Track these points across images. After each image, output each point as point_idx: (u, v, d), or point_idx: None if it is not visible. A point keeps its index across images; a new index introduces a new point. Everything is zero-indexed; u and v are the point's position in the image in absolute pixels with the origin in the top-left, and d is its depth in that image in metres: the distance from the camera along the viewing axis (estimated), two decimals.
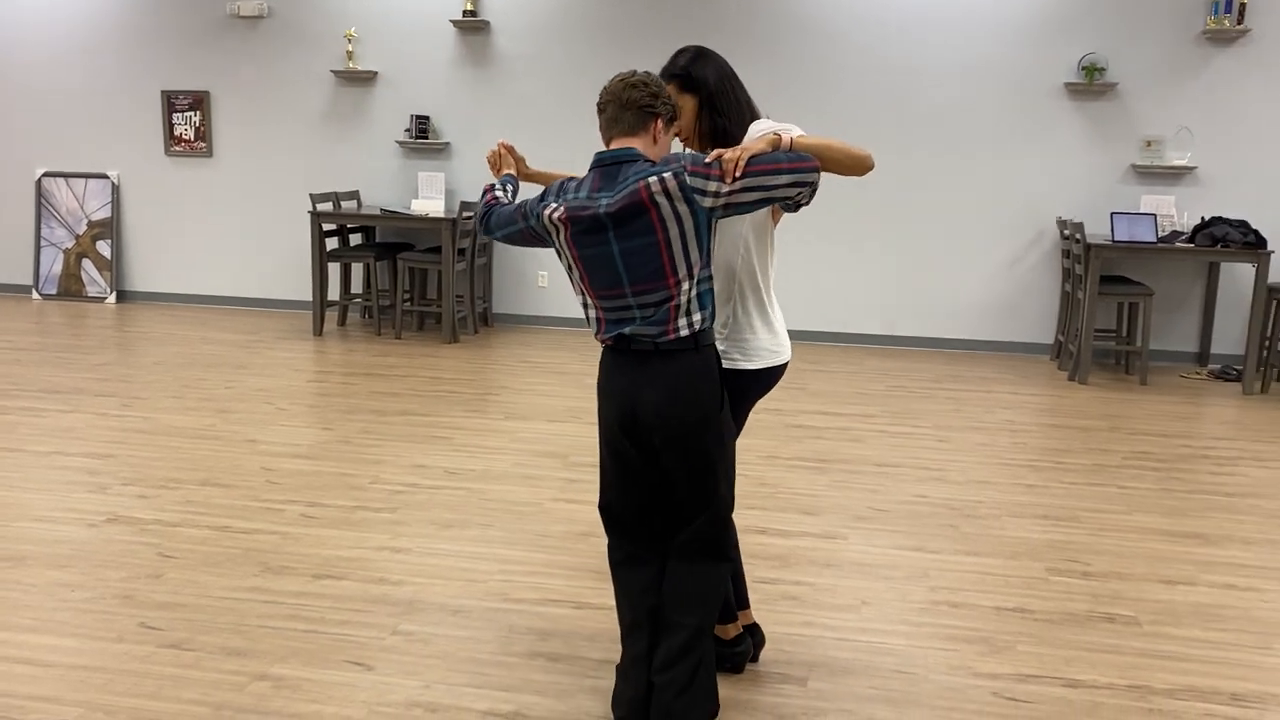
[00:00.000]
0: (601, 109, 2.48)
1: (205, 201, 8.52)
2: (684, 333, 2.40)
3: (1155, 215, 6.58)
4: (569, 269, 2.50)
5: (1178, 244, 6.48)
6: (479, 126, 7.97)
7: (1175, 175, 7.11)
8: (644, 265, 2.37)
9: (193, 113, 8.37)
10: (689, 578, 2.53)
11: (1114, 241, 6.45)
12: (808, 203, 2.49)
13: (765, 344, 2.65)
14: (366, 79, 8.04)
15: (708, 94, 2.59)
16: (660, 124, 2.48)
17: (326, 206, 8.02)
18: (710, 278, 2.43)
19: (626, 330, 2.43)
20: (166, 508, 4.03)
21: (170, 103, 8.39)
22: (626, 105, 2.44)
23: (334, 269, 8.33)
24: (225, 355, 6.77)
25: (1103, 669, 2.95)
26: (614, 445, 2.54)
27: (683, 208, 2.34)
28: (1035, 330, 7.43)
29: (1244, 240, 6.35)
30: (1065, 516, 4.17)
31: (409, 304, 7.76)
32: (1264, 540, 3.97)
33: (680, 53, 2.64)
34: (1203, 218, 6.89)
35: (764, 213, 2.63)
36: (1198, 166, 7.06)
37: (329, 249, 7.65)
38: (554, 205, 2.46)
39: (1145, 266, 7.25)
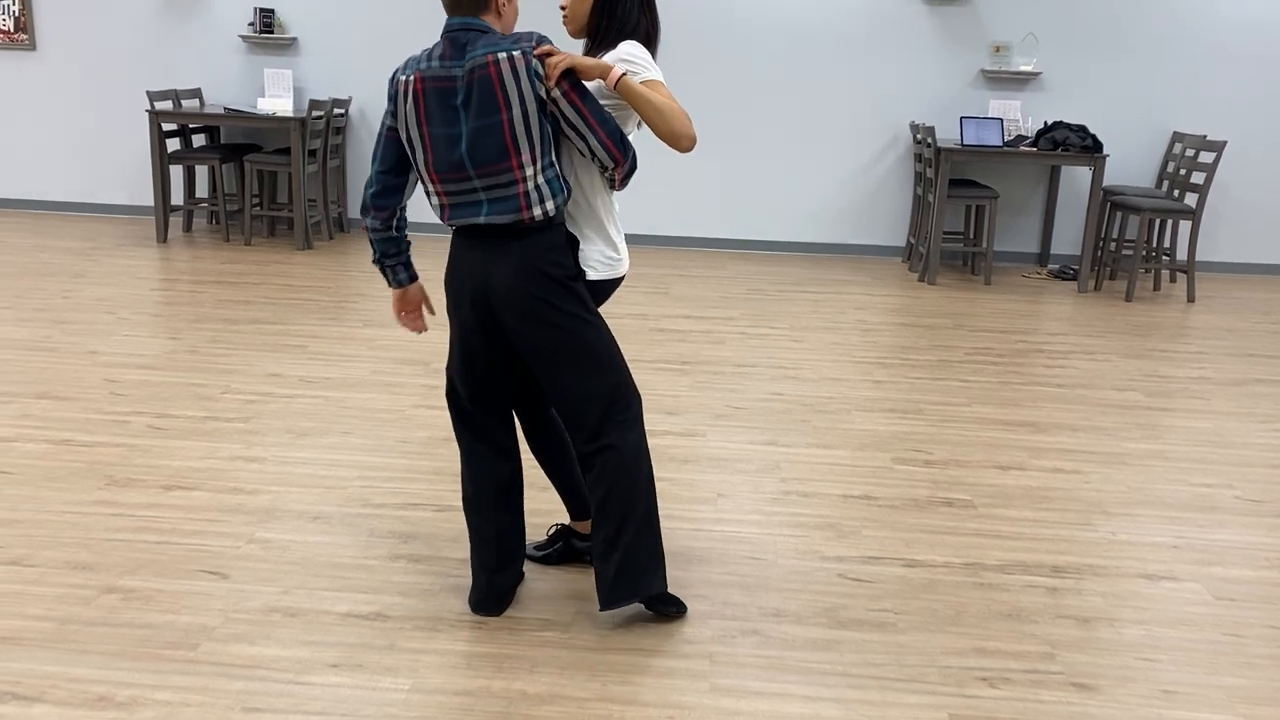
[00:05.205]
0: None
1: (30, 99, 7.93)
2: (538, 217, 2.40)
3: (1002, 120, 6.80)
4: (411, 149, 2.45)
5: (1021, 148, 6.73)
6: (328, 20, 7.60)
7: (1021, 80, 7.35)
8: (489, 147, 2.36)
9: (10, 0, 7.72)
10: (593, 485, 2.56)
11: (962, 145, 6.65)
12: (618, 188, 2.55)
13: (601, 254, 2.58)
14: None
15: None
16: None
17: (166, 105, 7.56)
18: (554, 165, 2.42)
19: (480, 219, 2.41)
20: (0, 423, 3.83)
21: None
22: None
23: (177, 172, 7.92)
24: (61, 264, 6.41)
25: (940, 549, 3.14)
26: (464, 328, 2.54)
27: (526, 88, 2.34)
28: (888, 233, 7.65)
29: (1082, 144, 6.63)
30: (910, 409, 4.37)
31: (258, 208, 7.46)
32: (1089, 427, 4.25)
33: None
34: (1045, 122, 7.16)
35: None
36: (1042, 72, 7.31)
37: (170, 151, 7.25)
38: (408, 74, 2.41)
39: (992, 170, 7.52)
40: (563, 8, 2.60)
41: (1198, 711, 2.39)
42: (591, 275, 2.57)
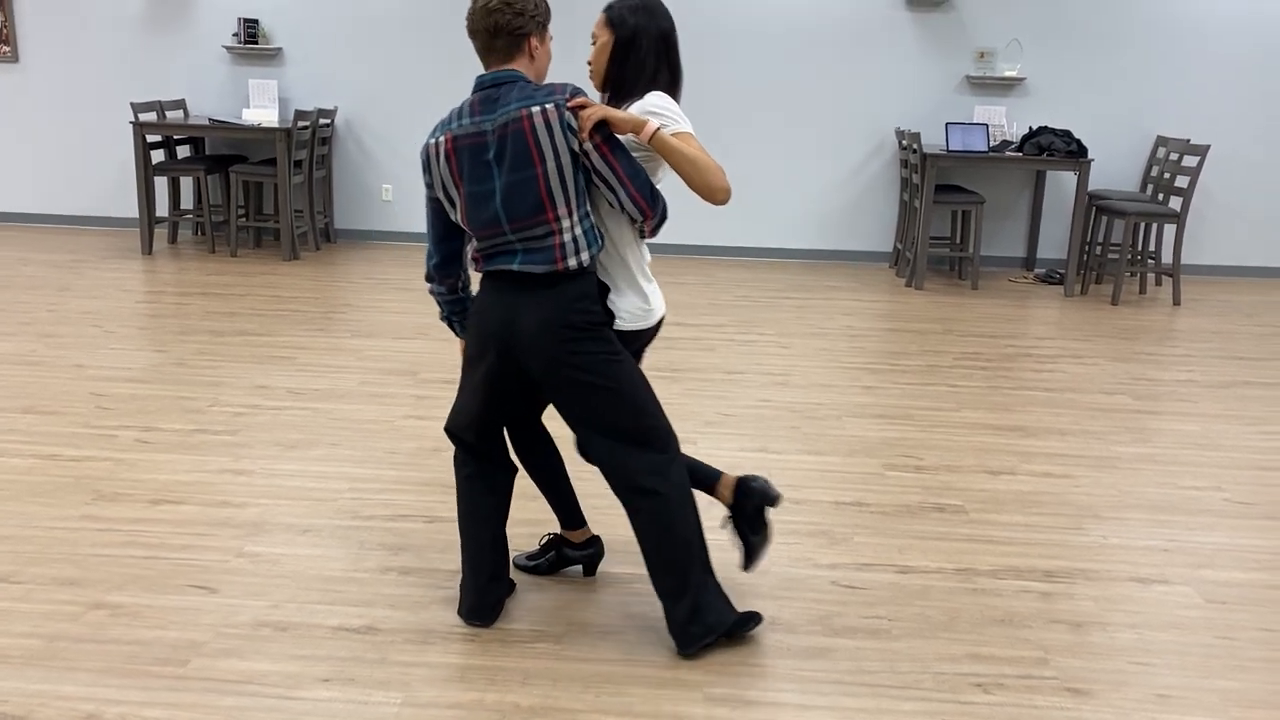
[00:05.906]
0: (472, 36, 2.41)
1: (12, 110, 7.89)
2: (573, 267, 2.39)
3: (987, 125, 6.83)
4: (451, 205, 2.45)
5: (1007, 153, 6.76)
6: (313, 31, 7.59)
7: (1006, 86, 7.38)
8: (523, 200, 2.35)
9: None
10: (643, 530, 2.51)
11: (948, 151, 6.67)
12: (648, 237, 2.54)
13: (632, 305, 2.56)
14: None
15: (623, 42, 2.51)
16: (534, 41, 2.43)
17: (150, 117, 7.53)
18: (589, 215, 2.41)
19: (514, 266, 2.39)
20: None
21: None
22: (495, 33, 2.38)
23: (161, 183, 7.88)
24: (46, 277, 6.37)
25: (932, 555, 3.14)
26: (488, 372, 2.50)
27: (560, 141, 2.33)
28: (875, 239, 7.67)
29: (1067, 149, 6.66)
30: (900, 415, 4.37)
31: (244, 220, 7.43)
32: (1079, 431, 4.26)
33: None
34: (1030, 127, 7.19)
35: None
36: (1027, 78, 7.34)
37: (155, 162, 7.21)
38: (438, 137, 2.41)
39: (978, 175, 7.54)
40: (589, 64, 2.60)
41: (1192, 715, 2.39)
42: (621, 325, 2.54)
